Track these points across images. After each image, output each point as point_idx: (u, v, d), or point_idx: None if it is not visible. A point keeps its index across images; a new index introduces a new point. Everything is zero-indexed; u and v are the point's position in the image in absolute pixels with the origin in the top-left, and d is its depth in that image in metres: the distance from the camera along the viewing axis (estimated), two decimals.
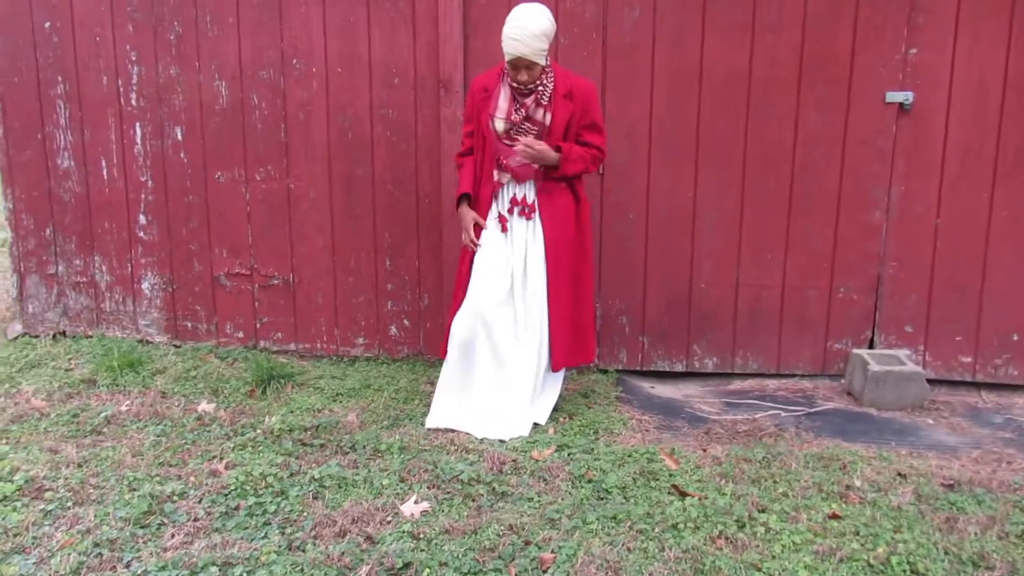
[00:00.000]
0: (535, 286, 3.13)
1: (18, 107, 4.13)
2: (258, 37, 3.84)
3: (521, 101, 3.03)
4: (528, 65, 2.94)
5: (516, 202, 3.13)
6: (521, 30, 2.88)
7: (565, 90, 3.05)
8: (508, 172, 3.10)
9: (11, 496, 2.60)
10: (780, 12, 3.47)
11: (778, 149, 3.58)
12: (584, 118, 3.10)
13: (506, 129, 3.04)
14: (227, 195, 4.01)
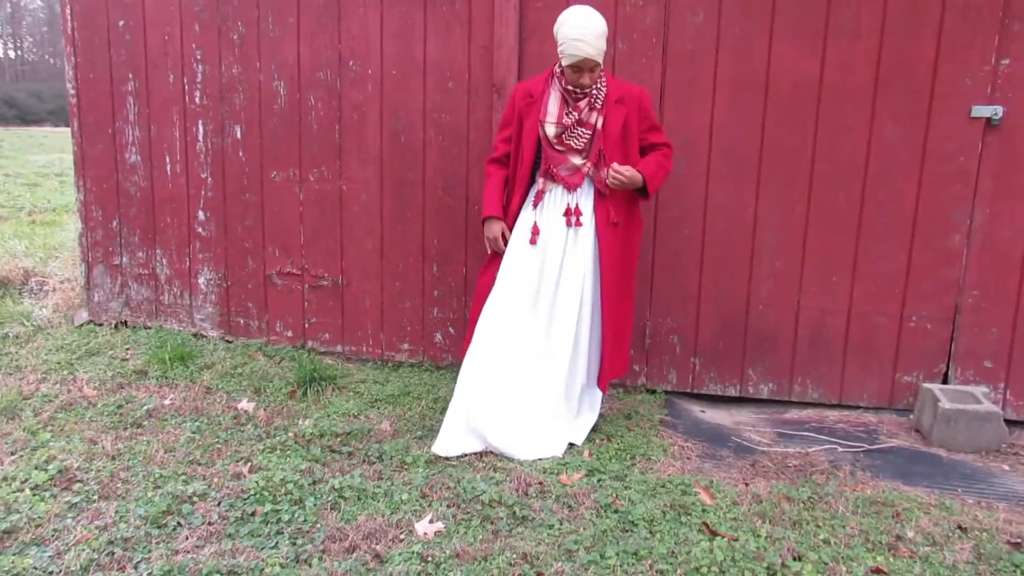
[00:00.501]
0: (568, 299, 2.99)
1: (92, 103, 4.27)
2: (317, 38, 3.84)
3: (573, 105, 2.92)
4: (592, 67, 2.84)
5: (569, 211, 2.99)
6: (585, 30, 2.79)
7: (617, 96, 2.96)
8: (559, 181, 2.98)
9: (42, 485, 2.64)
10: (857, 17, 3.23)
11: (849, 165, 3.33)
12: (643, 122, 3.02)
13: (557, 134, 2.93)
14: (282, 194, 4.03)
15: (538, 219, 3.00)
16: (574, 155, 2.95)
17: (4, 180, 12.24)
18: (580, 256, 2.98)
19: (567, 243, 2.98)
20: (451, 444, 2.98)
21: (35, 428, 3.10)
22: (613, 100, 2.95)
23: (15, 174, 13.21)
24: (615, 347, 3.12)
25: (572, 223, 2.97)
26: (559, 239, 2.98)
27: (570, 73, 2.87)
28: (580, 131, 2.92)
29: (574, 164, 2.95)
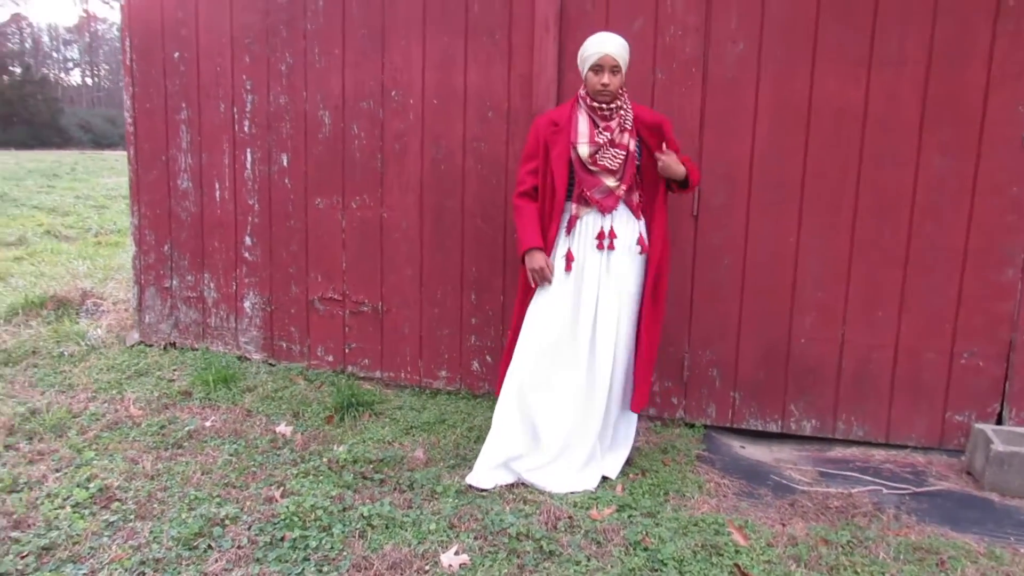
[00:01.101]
0: (606, 331, 2.95)
1: (148, 131, 4.43)
2: (361, 69, 3.92)
3: (604, 124, 2.90)
4: (613, 67, 2.84)
5: (602, 235, 2.96)
6: (605, 35, 2.88)
7: (643, 117, 2.96)
8: (593, 204, 2.95)
9: (83, 503, 2.71)
10: (902, 44, 3.15)
11: (895, 196, 3.24)
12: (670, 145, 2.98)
13: (591, 153, 2.91)
14: (325, 221, 4.10)
15: (572, 246, 2.97)
16: (608, 177, 2.91)
17: (75, 202, 12.77)
18: (614, 282, 2.95)
19: (601, 269, 2.95)
20: (485, 475, 2.96)
21: (80, 446, 3.20)
22: (642, 121, 2.94)
23: (85, 196, 13.78)
24: (648, 371, 3.07)
25: (604, 247, 2.94)
26: (594, 265, 2.95)
27: (592, 77, 2.86)
28: (614, 151, 2.90)
29: (608, 186, 2.92)
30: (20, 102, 43.00)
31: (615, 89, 2.87)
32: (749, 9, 3.31)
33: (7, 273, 6.56)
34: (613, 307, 2.95)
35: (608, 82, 2.84)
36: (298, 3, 3.99)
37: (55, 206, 11.99)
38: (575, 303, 2.97)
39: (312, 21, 3.99)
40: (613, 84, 2.85)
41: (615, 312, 2.95)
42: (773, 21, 3.28)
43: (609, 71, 2.84)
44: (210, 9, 4.17)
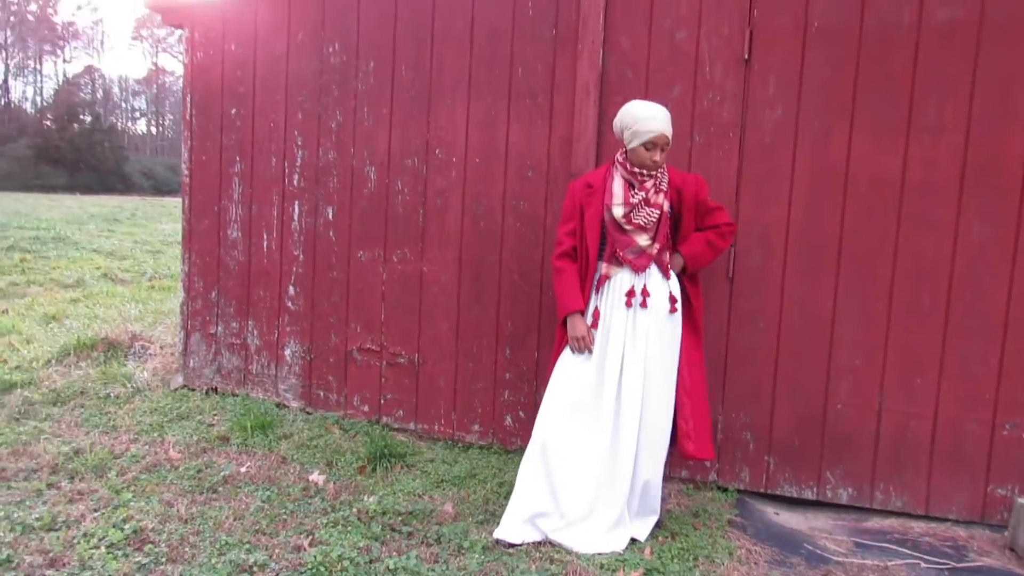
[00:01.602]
0: (632, 390, 2.95)
1: (203, 182, 4.62)
2: (407, 127, 4.06)
3: (639, 186, 2.97)
4: (664, 144, 2.93)
5: (632, 293, 2.99)
6: (656, 110, 2.95)
7: (678, 180, 3.04)
8: (625, 264, 3.00)
9: (117, 543, 2.78)
10: (940, 112, 3.16)
11: (933, 262, 3.21)
12: (700, 207, 3.07)
13: (625, 213, 2.96)
14: (366, 273, 4.20)
15: (600, 304, 3.01)
16: (641, 236, 2.96)
17: (133, 246, 13.24)
18: (642, 342, 2.96)
19: (627, 328, 2.97)
20: (513, 531, 2.96)
21: (119, 487, 3.28)
22: (676, 184, 3.02)
23: (143, 241, 14.27)
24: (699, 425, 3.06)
25: (633, 304, 2.97)
26: (620, 324, 2.97)
27: (643, 152, 2.93)
28: (648, 211, 2.95)
29: (640, 246, 2.96)
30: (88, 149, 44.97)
31: (662, 164, 2.97)
32: (787, 75, 3.36)
33: (63, 314, 6.81)
34: (639, 368, 2.95)
35: (660, 160, 2.94)
36: (350, 65, 4.17)
37: (113, 250, 12.44)
38: (600, 362, 2.99)
39: (363, 82, 4.15)
40: (662, 160, 2.96)
41: (641, 373, 2.96)
42: (811, 88, 3.33)
43: (661, 148, 2.93)
44: (267, 69, 4.38)
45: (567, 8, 3.69)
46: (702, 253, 3.09)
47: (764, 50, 3.39)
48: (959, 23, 3.13)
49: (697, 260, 3.09)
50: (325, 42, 4.22)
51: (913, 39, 3.18)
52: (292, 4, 4.29)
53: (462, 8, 3.90)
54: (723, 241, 3.13)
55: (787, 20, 3.34)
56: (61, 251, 11.83)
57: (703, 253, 3.09)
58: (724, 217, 3.14)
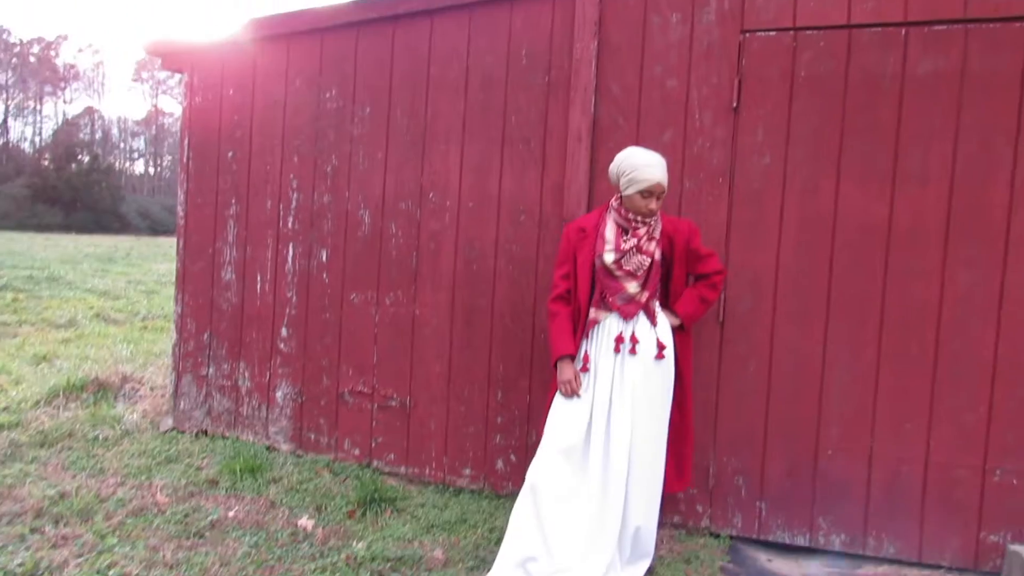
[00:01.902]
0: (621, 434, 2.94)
1: (198, 224, 4.64)
2: (401, 171, 4.11)
3: (632, 232, 3.00)
4: (660, 193, 2.97)
5: (620, 339, 3.01)
6: (653, 158, 2.99)
7: (671, 228, 3.07)
8: (614, 310, 3.02)
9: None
10: (925, 162, 3.22)
11: (921, 309, 3.24)
12: (691, 253, 3.11)
13: (616, 259, 2.99)
14: (359, 316, 4.21)
15: (589, 349, 3.03)
16: (631, 283, 2.99)
17: (127, 286, 13.23)
18: (629, 387, 2.96)
19: (615, 373, 2.98)
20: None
21: (104, 532, 3.24)
22: (668, 232, 3.06)
23: (137, 281, 14.27)
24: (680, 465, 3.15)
25: (621, 350, 2.98)
26: (607, 369, 2.98)
27: (639, 199, 2.97)
28: (640, 257, 2.98)
29: (630, 293, 2.99)
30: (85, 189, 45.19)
31: (656, 212, 3.00)
32: (775, 124, 3.42)
33: (54, 355, 6.78)
34: (627, 413, 2.95)
35: (655, 208, 2.98)
36: (347, 110, 4.23)
37: (107, 290, 12.43)
38: (590, 406, 2.99)
39: (358, 127, 4.21)
40: (658, 208, 3.00)
41: (629, 418, 2.95)
42: (798, 136, 3.39)
43: (657, 197, 2.98)
44: (265, 113, 4.44)
45: (559, 57, 3.77)
46: (696, 310, 3.14)
47: (752, 99, 3.45)
48: (942, 75, 3.20)
49: (693, 318, 3.15)
50: (322, 88, 4.29)
51: (897, 90, 3.26)
52: (290, 50, 4.37)
53: (457, 56, 3.98)
54: (715, 293, 3.18)
55: (774, 70, 3.42)
56: (54, 291, 11.82)
57: (697, 310, 3.15)
58: (715, 264, 3.17)
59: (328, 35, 4.27)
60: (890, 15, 3.25)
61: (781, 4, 3.40)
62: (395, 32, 4.12)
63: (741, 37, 3.47)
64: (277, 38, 4.39)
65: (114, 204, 47.25)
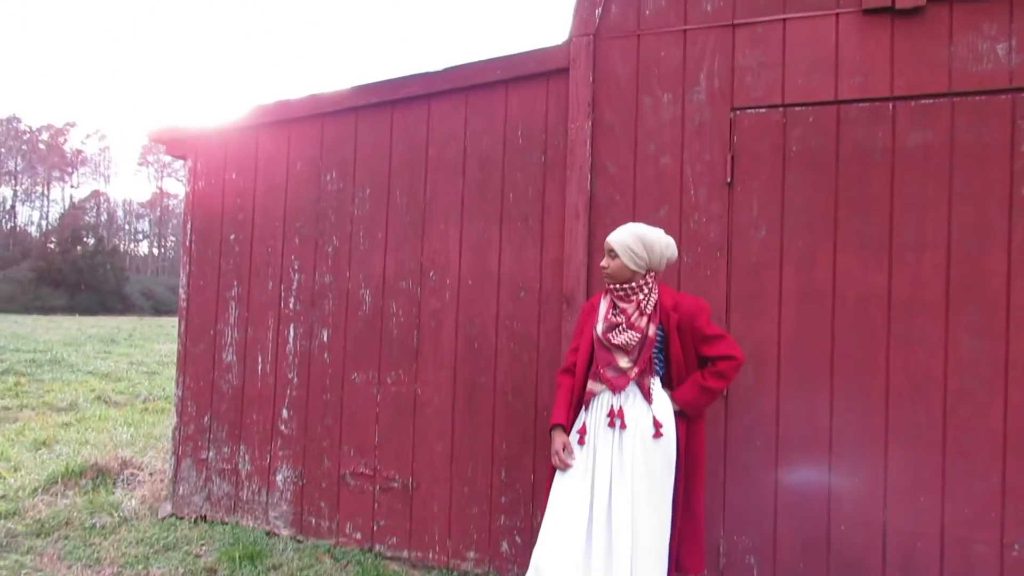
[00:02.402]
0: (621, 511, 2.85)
1: (200, 306, 4.66)
2: (401, 251, 4.14)
3: (621, 307, 2.98)
4: (609, 251, 3.00)
5: (612, 413, 2.96)
6: (618, 228, 3.06)
7: (671, 304, 2.99)
8: (604, 382, 2.98)
9: None
10: (920, 231, 3.25)
11: (925, 378, 3.22)
12: (695, 333, 2.98)
13: (604, 330, 2.98)
14: (360, 396, 4.18)
15: (587, 421, 2.98)
16: (622, 357, 2.95)
17: (129, 367, 13.19)
18: (628, 464, 2.90)
19: (613, 449, 2.92)
20: None
21: None
22: (667, 307, 2.99)
23: (139, 362, 14.23)
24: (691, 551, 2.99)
25: (615, 424, 2.93)
26: (606, 444, 2.93)
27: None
28: (630, 333, 2.94)
29: (620, 367, 2.95)
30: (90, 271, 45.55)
31: (612, 272, 3.00)
32: (769, 198, 3.46)
33: (54, 439, 6.71)
34: (627, 490, 2.88)
35: (605, 265, 3.02)
36: (347, 191, 4.30)
37: (109, 371, 12.39)
38: (590, 480, 2.93)
39: (359, 207, 4.27)
40: (609, 267, 3.00)
41: (629, 495, 2.87)
42: (793, 209, 3.43)
43: (607, 254, 3.02)
44: (266, 196, 4.51)
45: (554, 136, 3.85)
46: (697, 399, 2.95)
47: (746, 174, 3.51)
48: (931, 146, 3.26)
49: (694, 407, 2.96)
50: (323, 170, 4.37)
51: (888, 162, 3.31)
52: (292, 135, 4.47)
53: (455, 138, 4.07)
54: (720, 382, 2.95)
55: (766, 146, 3.48)
56: (56, 373, 11.79)
57: (699, 399, 2.95)
58: (723, 348, 2.96)
59: (328, 119, 4.37)
60: (877, 91, 3.33)
61: (769, 82, 3.49)
62: (394, 116, 4.22)
63: (732, 114, 3.54)
64: (279, 123, 4.50)
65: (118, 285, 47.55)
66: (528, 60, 3.91)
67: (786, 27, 3.49)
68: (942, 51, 3.27)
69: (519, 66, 3.93)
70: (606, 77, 3.78)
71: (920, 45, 3.30)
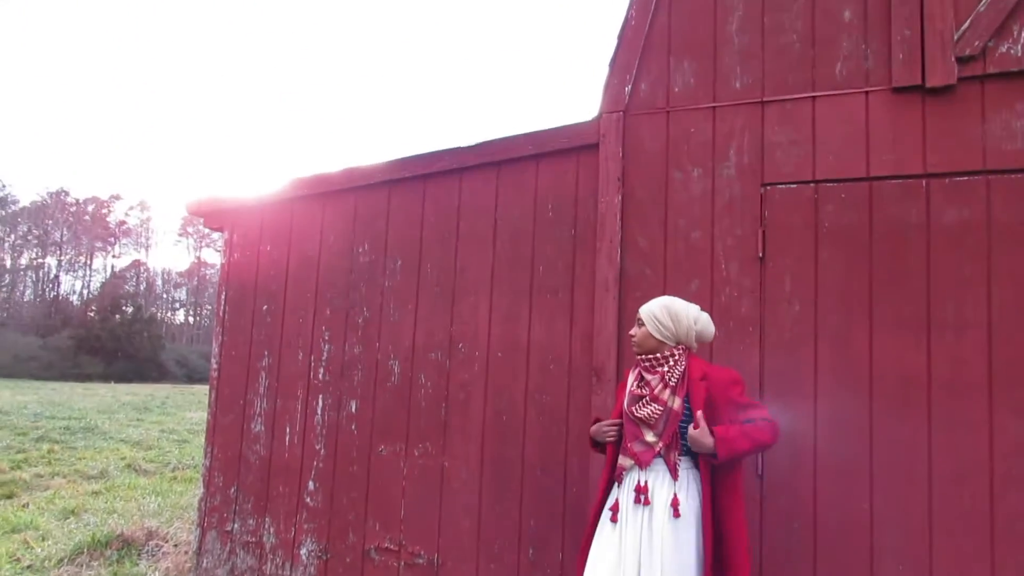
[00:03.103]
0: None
1: (231, 376, 4.69)
2: (431, 322, 4.15)
3: (646, 379, 2.93)
4: (637, 319, 2.99)
5: (639, 488, 2.87)
6: (649, 301, 3.05)
7: (699, 375, 2.90)
8: (631, 456, 2.90)
9: None
10: (960, 310, 3.18)
11: (971, 462, 3.10)
12: (729, 403, 2.84)
13: (629, 403, 2.92)
14: (387, 468, 4.14)
15: (620, 497, 2.90)
16: (648, 431, 2.88)
17: (160, 435, 13.24)
18: (658, 540, 2.79)
19: (643, 526, 2.82)
20: None
21: None
22: (695, 378, 2.89)
23: (170, 430, 14.29)
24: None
25: (641, 501, 2.83)
26: (635, 521, 2.83)
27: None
28: (653, 407, 2.87)
29: (647, 441, 2.87)
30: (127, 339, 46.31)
31: (638, 340, 2.97)
32: (802, 274, 3.43)
33: (82, 508, 6.71)
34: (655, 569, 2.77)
35: (632, 333, 3.01)
36: (379, 263, 4.35)
37: (140, 439, 12.45)
38: (620, 557, 2.83)
39: (390, 279, 4.31)
40: (636, 336, 2.98)
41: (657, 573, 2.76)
42: (827, 285, 3.39)
43: (636, 323, 3.00)
44: (299, 268, 4.57)
45: (584, 210, 3.88)
46: (736, 439, 2.75)
47: (777, 249, 3.49)
48: (968, 223, 3.22)
49: (731, 446, 2.73)
50: (355, 242, 4.43)
51: (924, 238, 3.27)
52: (326, 208, 4.55)
53: (486, 211, 4.11)
54: (761, 434, 2.80)
55: (798, 221, 3.47)
56: (89, 441, 11.87)
57: (737, 439, 2.75)
58: (762, 413, 2.87)
59: (362, 193, 4.46)
60: (909, 168, 3.32)
61: (800, 158, 3.50)
62: (426, 189, 4.29)
63: (762, 190, 3.55)
64: (314, 197, 4.59)
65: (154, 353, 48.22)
66: (558, 135, 3.98)
67: (815, 105, 3.51)
68: (975, 128, 3.26)
69: (550, 141, 3.99)
70: (636, 152, 3.82)
71: (952, 122, 3.30)
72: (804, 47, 3.58)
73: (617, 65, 3.92)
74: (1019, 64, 3.23)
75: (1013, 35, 3.26)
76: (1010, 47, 3.26)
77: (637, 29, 3.89)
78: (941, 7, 3.35)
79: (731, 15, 3.74)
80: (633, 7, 3.91)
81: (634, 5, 3.91)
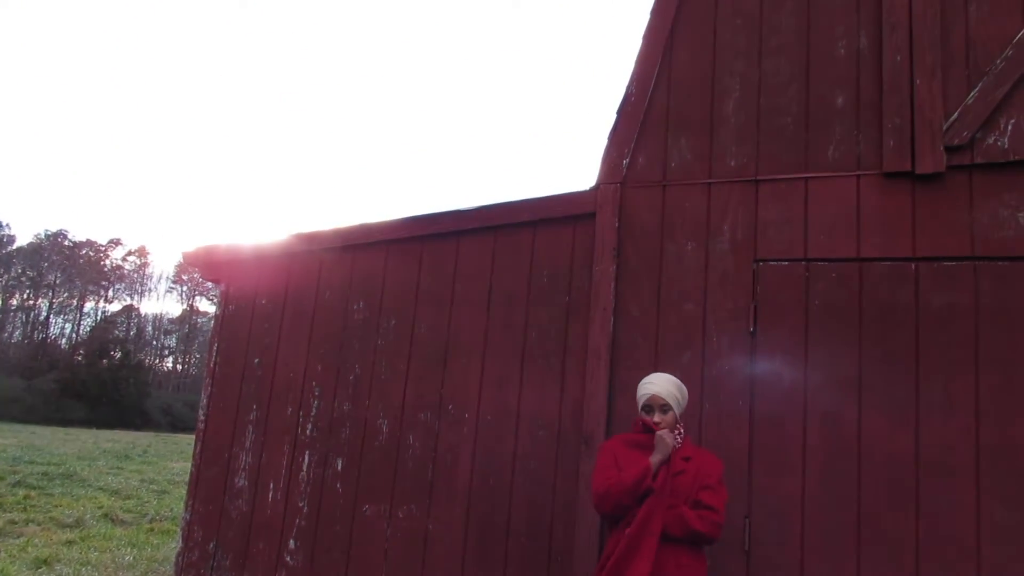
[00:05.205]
0: None
1: (217, 429, 4.64)
2: (422, 383, 4.15)
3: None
4: (661, 405, 2.93)
5: None
6: (655, 376, 3.04)
7: (687, 453, 2.93)
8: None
9: None
10: (948, 393, 3.21)
11: (959, 547, 3.09)
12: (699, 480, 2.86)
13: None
14: (370, 529, 4.08)
15: None
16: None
17: (139, 485, 13.00)
18: None
19: None
20: None
21: None
22: (680, 457, 2.90)
23: (150, 479, 14.04)
24: None
25: None
26: None
27: (644, 414, 2.97)
28: None
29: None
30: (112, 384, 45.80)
31: (668, 424, 2.92)
32: (792, 350, 3.47)
33: (55, 558, 6.55)
34: None
35: (658, 420, 2.94)
36: (372, 322, 4.37)
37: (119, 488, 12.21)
38: None
39: (383, 338, 4.32)
40: (663, 422, 2.92)
41: None
42: (817, 362, 3.42)
43: (658, 409, 2.95)
44: (293, 323, 4.58)
45: (579, 277, 3.93)
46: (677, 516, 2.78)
47: (769, 324, 3.53)
48: (956, 307, 3.27)
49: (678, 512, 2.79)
50: (350, 300, 4.46)
51: (912, 320, 3.32)
52: (323, 265, 4.59)
53: (480, 275, 4.16)
54: (696, 523, 2.78)
55: (789, 298, 3.52)
56: (66, 488, 11.64)
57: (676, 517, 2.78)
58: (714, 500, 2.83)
59: (359, 251, 4.51)
60: (898, 251, 3.39)
61: (792, 237, 3.57)
62: (423, 251, 4.34)
63: (755, 265, 3.61)
64: (310, 253, 4.63)
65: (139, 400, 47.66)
66: (556, 203, 4.05)
67: (808, 186, 3.60)
68: (963, 215, 3.34)
69: (547, 208, 4.07)
70: (632, 223, 3.89)
71: (941, 209, 3.38)
72: (798, 129, 3.69)
73: (616, 138, 4.02)
74: (1005, 156, 3.34)
75: (1000, 127, 3.37)
76: (997, 139, 3.37)
77: (637, 105, 4.01)
78: (931, 98, 3.46)
79: (728, 96, 3.86)
80: (634, 83, 4.03)
81: (635, 81, 4.03)
